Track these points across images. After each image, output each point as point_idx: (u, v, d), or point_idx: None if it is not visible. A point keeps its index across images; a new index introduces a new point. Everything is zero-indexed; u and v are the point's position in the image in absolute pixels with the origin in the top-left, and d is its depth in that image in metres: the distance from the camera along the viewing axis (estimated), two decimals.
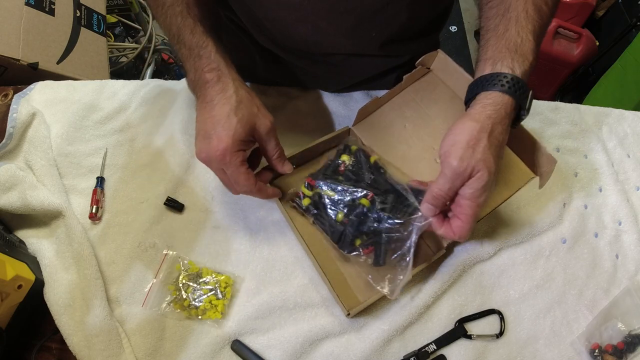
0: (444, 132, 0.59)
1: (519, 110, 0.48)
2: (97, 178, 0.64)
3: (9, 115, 0.67)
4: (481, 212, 0.53)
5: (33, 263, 0.55)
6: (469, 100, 0.49)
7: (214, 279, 0.57)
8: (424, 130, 0.61)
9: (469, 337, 0.56)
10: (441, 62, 0.61)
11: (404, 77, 0.62)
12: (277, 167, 0.57)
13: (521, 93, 0.46)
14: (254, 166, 0.57)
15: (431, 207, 0.48)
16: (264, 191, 0.55)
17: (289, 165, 0.58)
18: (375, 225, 0.54)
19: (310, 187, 0.60)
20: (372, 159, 0.62)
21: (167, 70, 1.80)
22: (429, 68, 0.63)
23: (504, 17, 0.49)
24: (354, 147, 0.63)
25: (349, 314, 0.53)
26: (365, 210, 0.55)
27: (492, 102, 0.46)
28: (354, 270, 0.58)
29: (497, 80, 0.46)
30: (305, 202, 0.59)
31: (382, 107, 0.65)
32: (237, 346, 0.54)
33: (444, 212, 0.50)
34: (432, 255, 0.57)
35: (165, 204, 0.62)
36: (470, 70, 0.54)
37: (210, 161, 0.51)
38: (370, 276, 0.54)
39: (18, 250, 0.55)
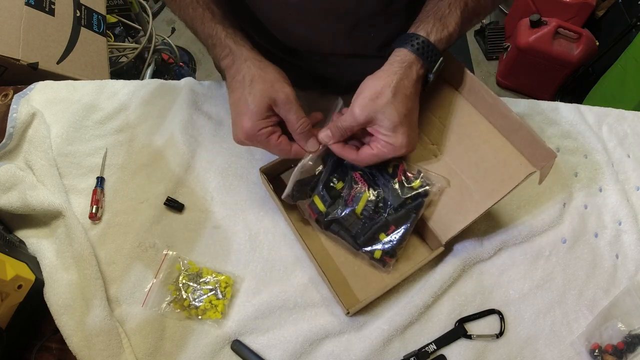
0: (440, 128, 0.60)
1: (428, 73, 0.52)
2: (97, 178, 0.64)
3: (9, 115, 0.67)
4: (476, 212, 0.54)
5: (33, 263, 0.55)
6: (388, 55, 0.53)
7: (214, 279, 0.57)
8: (421, 128, 0.61)
9: (469, 337, 0.56)
10: None
11: None
12: (301, 144, 0.55)
13: (430, 56, 0.51)
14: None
15: (329, 135, 0.54)
16: (300, 152, 0.56)
17: (313, 143, 0.55)
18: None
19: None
20: None
21: (167, 70, 1.81)
22: None
23: None
24: None
25: (348, 313, 0.53)
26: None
27: (400, 59, 0.51)
28: (357, 266, 0.59)
29: (410, 39, 0.51)
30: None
31: None
32: (237, 346, 0.54)
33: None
34: (431, 252, 0.58)
35: (165, 204, 0.62)
36: (470, 70, 0.54)
37: (244, 142, 0.54)
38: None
39: (18, 250, 0.55)
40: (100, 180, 0.64)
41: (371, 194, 0.57)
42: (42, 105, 0.70)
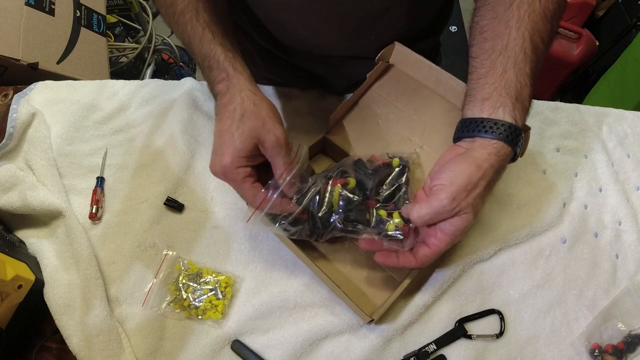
0: (417, 121, 0.61)
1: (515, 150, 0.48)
2: (97, 178, 0.64)
3: (9, 115, 0.67)
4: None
5: (33, 263, 0.55)
6: (463, 136, 0.48)
7: (214, 279, 0.57)
8: (398, 124, 0.62)
9: (469, 337, 0.56)
10: (400, 54, 0.61)
11: (367, 75, 0.62)
12: (284, 189, 0.49)
13: (515, 137, 0.46)
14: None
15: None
16: (278, 206, 0.49)
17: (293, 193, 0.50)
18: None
19: None
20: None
21: (167, 70, 1.81)
22: (389, 62, 0.63)
23: (502, 54, 0.47)
24: None
25: (371, 321, 0.52)
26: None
27: (496, 152, 0.46)
28: (358, 277, 0.58)
29: (501, 128, 0.46)
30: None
31: (352, 109, 0.65)
32: (237, 346, 0.54)
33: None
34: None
35: (165, 204, 0.62)
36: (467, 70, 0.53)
37: (218, 175, 0.49)
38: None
39: (18, 250, 0.55)
40: (100, 180, 0.64)
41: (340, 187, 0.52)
42: (42, 105, 0.70)
